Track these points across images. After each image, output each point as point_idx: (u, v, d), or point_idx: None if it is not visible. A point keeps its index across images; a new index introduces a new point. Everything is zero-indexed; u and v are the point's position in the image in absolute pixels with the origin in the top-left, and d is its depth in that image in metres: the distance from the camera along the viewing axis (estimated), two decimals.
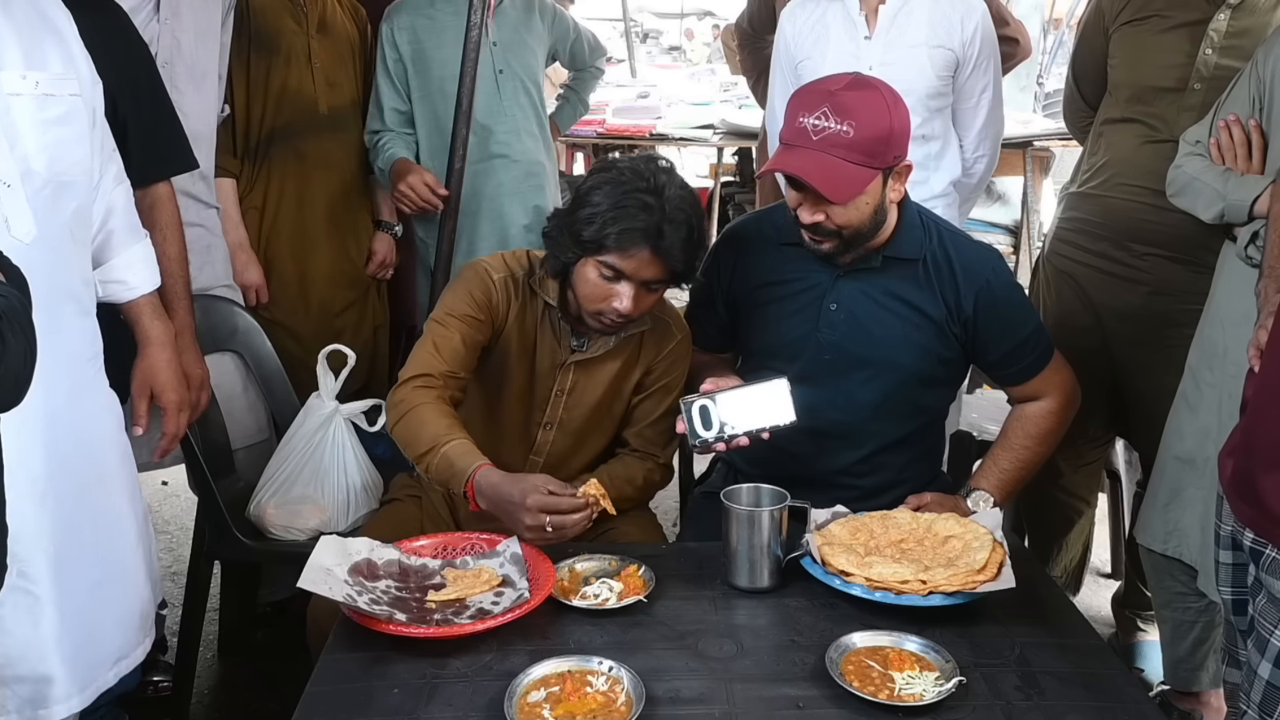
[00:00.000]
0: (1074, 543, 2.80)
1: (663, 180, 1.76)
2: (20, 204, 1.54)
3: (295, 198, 2.67)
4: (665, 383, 1.95)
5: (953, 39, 2.44)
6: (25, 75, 1.57)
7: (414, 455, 1.76)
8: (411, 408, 1.77)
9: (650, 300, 1.82)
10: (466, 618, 1.53)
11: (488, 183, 2.77)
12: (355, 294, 2.83)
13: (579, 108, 3.37)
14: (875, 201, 1.79)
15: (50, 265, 1.59)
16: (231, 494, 2.29)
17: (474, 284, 1.88)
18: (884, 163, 1.76)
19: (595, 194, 1.76)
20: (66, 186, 1.63)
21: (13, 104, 1.56)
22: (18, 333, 1.10)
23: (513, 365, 1.92)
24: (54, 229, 1.60)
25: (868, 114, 1.73)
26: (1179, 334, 2.20)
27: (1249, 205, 1.92)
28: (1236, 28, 2.22)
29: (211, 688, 2.54)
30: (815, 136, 1.73)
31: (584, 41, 3.14)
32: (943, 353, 1.94)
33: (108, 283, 1.82)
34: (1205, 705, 2.32)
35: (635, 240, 1.73)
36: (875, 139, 1.73)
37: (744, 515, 1.65)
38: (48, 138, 1.59)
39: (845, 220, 1.79)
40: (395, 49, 2.70)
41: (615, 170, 1.79)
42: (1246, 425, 1.53)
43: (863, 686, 1.38)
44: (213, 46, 2.41)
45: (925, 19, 2.43)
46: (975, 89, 2.52)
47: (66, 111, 1.63)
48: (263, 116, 2.60)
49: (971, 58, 2.47)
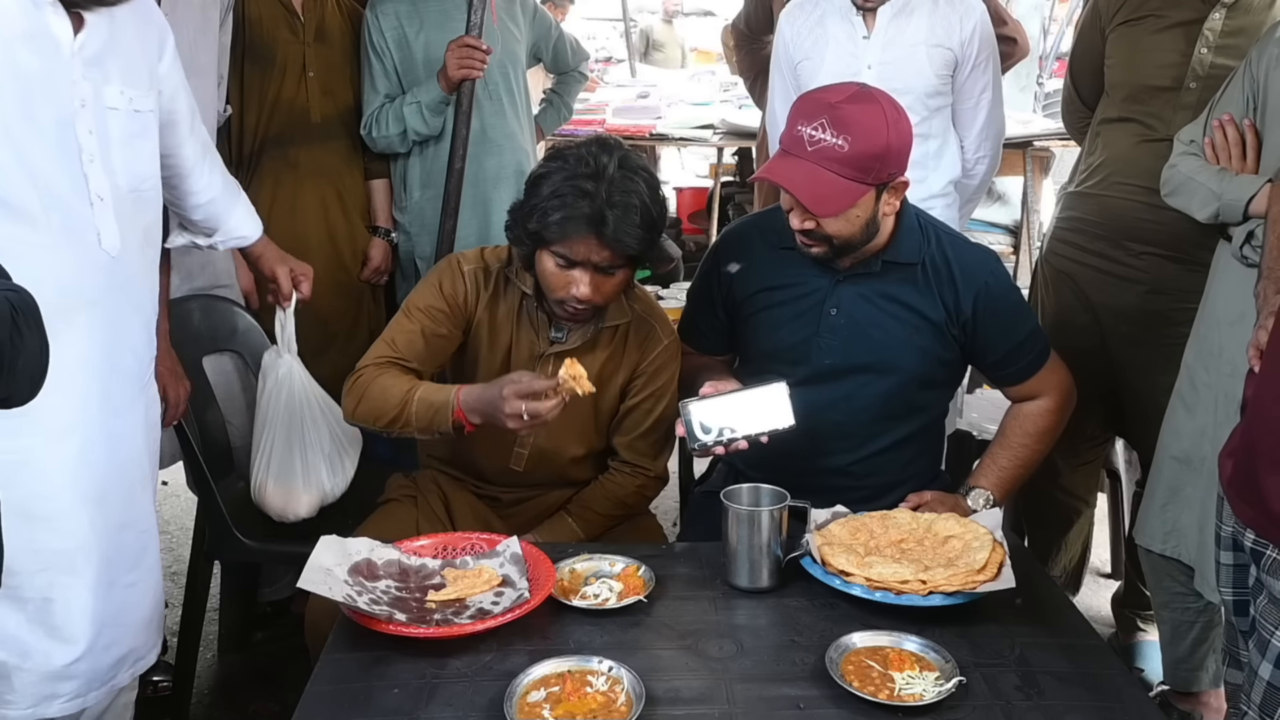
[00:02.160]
0: (1073, 542, 2.80)
1: (604, 162, 1.73)
2: (110, 218, 1.58)
3: (288, 206, 2.66)
4: (653, 390, 1.94)
5: (951, 38, 2.45)
6: (123, 91, 1.61)
7: (386, 419, 1.78)
8: (368, 384, 1.81)
9: (612, 284, 1.80)
10: (466, 618, 1.53)
11: (471, 169, 2.74)
12: (350, 301, 2.82)
13: (562, 111, 3.37)
14: (867, 215, 1.79)
15: (126, 278, 1.64)
16: (231, 494, 2.29)
17: (444, 276, 1.90)
18: (878, 179, 1.75)
19: (542, 184, 1.75)
20: (143, 199, 1.68)
21: (110, 118, 1.59)
22: (33, 328, 1.11)
23: (485, 356, 1.92)
24: (132, 242, 1.64)
25: (866, 129, 1.72)
26: (1176, 333, 2.20)
27: (1244, 205, 1.92)
28: (1231, 27, 2.23)
29: (211, 688, 2.54)
30: (810, 147, 1.73)
31: (566, 43, 3.14)
32: (942, 354, 1.94)
33: (228, 239, 2.04)
34: (1205, 705, 2.32)
35: (578, 228, 1.71)
36: (870, 155, 1.72)
37: (744, 515, 1.65)
38: (130, 152, 1.63)
39: (835, 231, 1.79)
40: (382, 35, 2.69)
41: (560, 159, 1.77)
42: (1247, 425, 1.53)
43: (863, 686, 1.38)
44: (211, 45, 2.40)
45: (924, 18, 2.45)
46: (975, 89, 2.53)
47: (145, 126, 1.67)
48: (256, 127, 2.60)
49: (970, 57, 2.48)
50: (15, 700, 1.61)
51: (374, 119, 2.70)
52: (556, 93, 3.32)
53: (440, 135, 2.71)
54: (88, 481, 1.61)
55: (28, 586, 1.56)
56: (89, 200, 1.55)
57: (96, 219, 1.56)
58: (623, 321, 1.93)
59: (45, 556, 1.57)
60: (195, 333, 2.36)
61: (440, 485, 2.03)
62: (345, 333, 2.83)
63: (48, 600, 1.60)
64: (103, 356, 1.61)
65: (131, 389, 1.70)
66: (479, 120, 2.73)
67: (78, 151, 1.54)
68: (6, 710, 1.61)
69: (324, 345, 2.78)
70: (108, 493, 1.64)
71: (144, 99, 1.65)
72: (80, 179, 1.55)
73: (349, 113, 2.75)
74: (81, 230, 1.55)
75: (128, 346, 1.68)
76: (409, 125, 2.66)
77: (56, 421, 1.55)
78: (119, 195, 1.60)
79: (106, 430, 1.64)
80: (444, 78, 2.59)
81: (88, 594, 1.63)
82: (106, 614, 1.67)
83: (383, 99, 2.71)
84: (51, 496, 1.57)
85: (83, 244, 1.56)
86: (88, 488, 1.61)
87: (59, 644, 1.62)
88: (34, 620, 1.59)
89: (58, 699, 1.63)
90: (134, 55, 1.65)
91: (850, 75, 2.29)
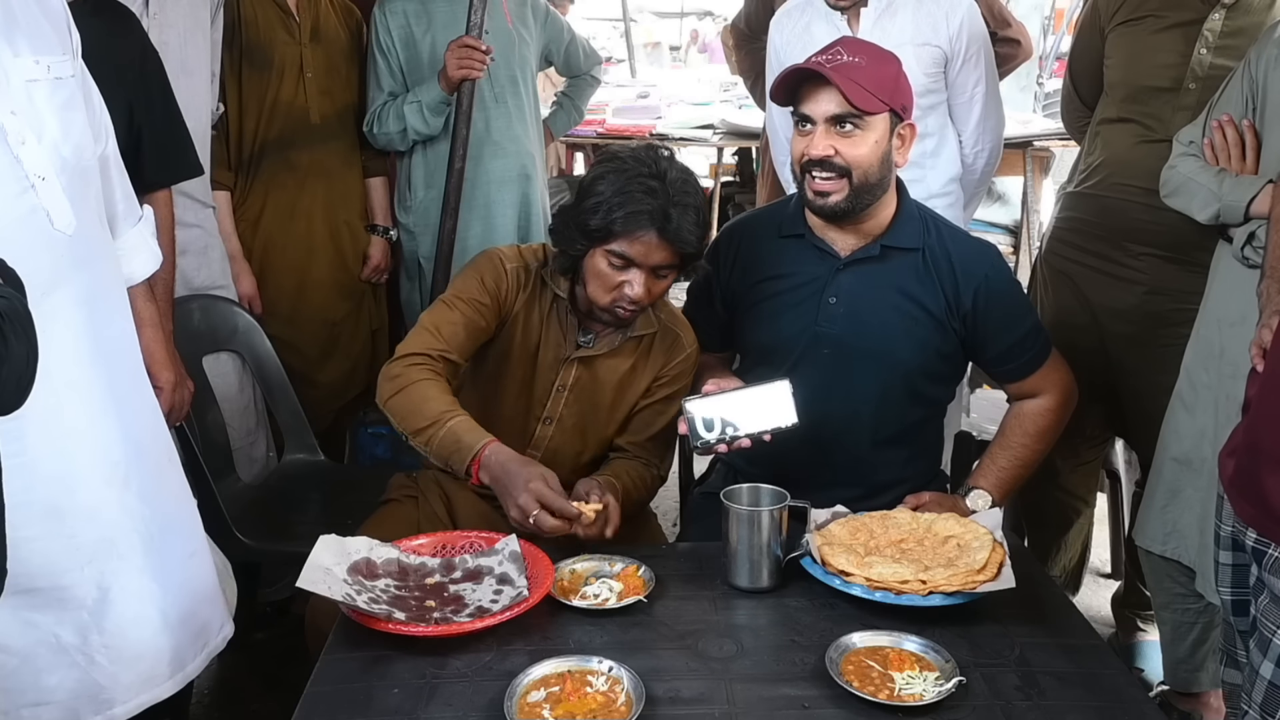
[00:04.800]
0: (1073, 542, 2.80)
1: (664, 166, 1.78)
2: (58, 196, 1.48)
3: (289, 208, 2.67)
4: (669, 393, 1.95)
5: (939, 35, 2.45)
6: (38, 60, 1.49)
7: (412, 428, 1.76)
8: (411, 382, 1.77)
9: (660, 287, 1.84)
10: (465, 616, 1.53)
11: (475, 170, 2.76)
12: (352, 301, 2.83)
13: (573, 114, 3.37)
14: (883, 148, 1.82)
15: (91, 256, 1.57)
16: (231, 494, 2.29)
17: (486, 269, 1.89)
18: (895, 101, 1.81)
19: (600, 183, 1.77)
20: (87, 172, 1.59)
21: (34, 91, 1.48)
22: (20, 335, 1.09)
23: (515, 355, 1.92)
24: (87, 218, 1.56)
25: (877, 54, 1.84)
26: (1175, 333, 2.20)
27: (1244, 206, 1.92)
28: (1231, 27, 2.22)
29: (211, 688, 2.53)
30: (831, 65, 1.79)
31: (579, 47, 3.14)
32: (941, 347, 1.94)
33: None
34: (1205, 706, 2.32)
35: (641, 224, 1.74)
36: (887, 75, 1.81)
37: (744, 515, 1.65)
38: (67, 124, 1.52)
39: (855, 157, 1.80)
40: (389, 34, 2.70)
41: (618, 160, 1.80)
42: (1250, 424, 1.52)
43: (863, 686, 1.38)
44: (202, 44, 2.40)
45: (909, 17, 2.44)
46: (968, 83, 2.52)
47: (72, 94, 1.55)
48: (255, 129, 2.60)
49: (960, 52, 2.47)
50: (117, 696, 1.61)
51: (376, 116, 2.71)
52: (568, 95, 3.33)
53: (442, 135, 2.71)
54: (107, 465, 1.58)
55: (79, 585, 1.55)
56: (28, 184, 1.44)
57: (43, 200, 1.46)
58: (649, 332, 1.94)
59: (88, 548, 1.56)
60: (195, 332, 2.36)
61: (442, 484, 2.03)
62: (348, 334, 2.83)
63: (104, 590, 1.58)
64: (88, 339, 1.55)
65: (129, 364, 1.67)
66: (484, 123, 2.73)
67: (2, 137, 1.42)
68: (114, 710, 1.61)
69: (329, 348, 2.79)
70: (130, 473, 1.61)
71: (61, 65, 1.52)
72: (12, 163, 1.43)
73: (347, 112, 2.75)
74: (28, 216, 1.45)
75: (109, 324, 1.61)
76: (409, 124, 2.67)
77: (61, 413, 1.51)
78: (66, 170, 1.50)
79: (118, 409, 1.60)
80: (444, 78, 2.59)
81: (141, 575, 1.62)
82: (170, 587, 1.66)
83: (386, 96, 2.71)
84: (76, 488, 1.55)
85: (33, 229, 1.45)
86: (109, 471, 1.58)
87: (133, 627, 1.61)
88: (96, 615, 1.58)
89: (158, 681, 1.65)
90: (37, 19, 1.51)
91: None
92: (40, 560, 1.51)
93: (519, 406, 1.95)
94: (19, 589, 1.49)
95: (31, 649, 1.55)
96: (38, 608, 1.53)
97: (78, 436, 1.55)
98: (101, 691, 1.60)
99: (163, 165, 2.08)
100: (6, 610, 1.49)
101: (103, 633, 1.58)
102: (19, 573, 1.48)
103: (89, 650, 1.58)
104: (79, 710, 1.59)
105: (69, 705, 1.58)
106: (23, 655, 1.54)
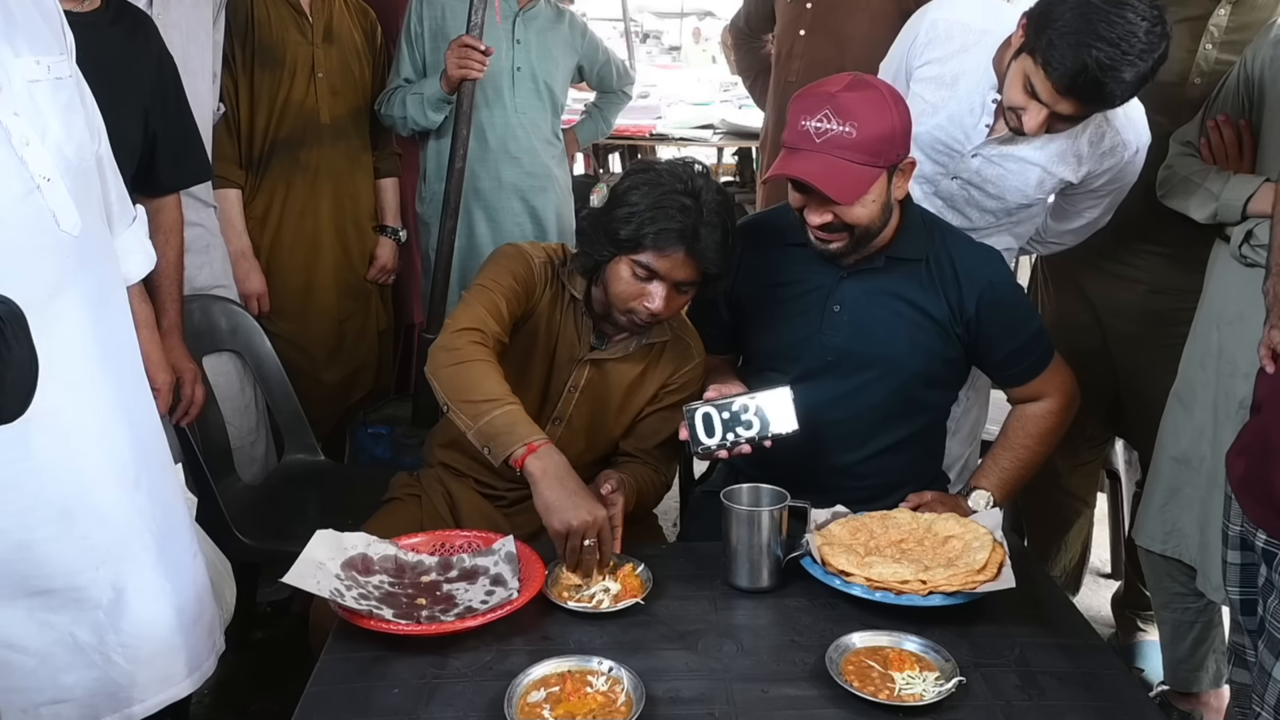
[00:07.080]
0: (1073, 543, 2.80)
1: (699, 184, 1.78)
2: (64, 197, 1.47)
3: (297, 207, 2.67)
4: (675, 401, 1.95)
5: (1078, 173, 2.09)
6: (39, 60, 1.47)
7: (464, 399, 1.69)
8: (470, 359, 1.72)
9: (680, 302, 1.84)
10: (454, 615, 1.53)
11: (487, 177, 2.77)
12: (359, 301, 2.84)
13: (601, 126, 3.39)
14: (882, 199, 1.79)
15: (97, 256, 1.57)
16: (231, 494, 2.29)
17: (517, 262, 1.89)
18: (888, 161, 1.76)
19: (633, 194, 1.77)
20: (89, 173, 1.58)
21: (36, 92, 1.46)
22: (22, 340, 1.08)
23: (537, 352, 1.92)
24: (91, 219, 1.56)
25: (869, 113, 1.72)
26: (1176, 333, 2.20)
27: (1242, 205, 1.92)
28: (1236, 23, 2.22)
29: (211, 688, 2.52)
30: (818, 139, 1.73)
31: (613, 66, 3.16)
32: (945, 353, 1.94)
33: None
34: (1205, 705, 2.32)
35: (671, 241, 1.74)
36: (878, 138, 1.72)
37: (744, 515, 1.65)
38: (69, 124, 1.51)
39: (854, 218, 1.78)
40: (420, 23, 2.72)
41: (653, 172, 1.80)
42: (1261, 425, 1.52)
43: (863, 686, 1.38)
44: (204, 44, 2.40)
45: (1059, 142, 2.04)
46: (1080, 205, 2.21)
47: (71, 95, 1.54)
48: (266, 128, 2.61)
49: (1090, 188, 2.14)
50: (135, 694, 1.61)
51: (386, 97, 2.74)
52: (599, 107, 3.35)
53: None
54: (118, 466, 1.58)
55: (94, 585, 1.55)
56: (34, 185, 1.43)
57: (49, 201, 1.44)
58: (661, 340, 1.95)
59: (101, 549, 1.56)
60: (195, 332, 2.36)
61: (445, 484, 2.03)
62: (354, 334, 2.84)
63: (119, 591, 1.58)
64: (96, 340, 1.55)
65: (134, 365, 1.67)
66: (500, 134, 2.75)
67: (6, 138, 1.41)
68: (131, 708, 1.62)
69: (337, 348, 2.80)
70: (139, 474, 1.61)
71: (60, 65, 1.51)
72: (17, 164, 1.41)
73: (358, 113, 2.76)
74: (34, 217, 1.43)
75: (115, 324, 1.61)
76: (409, 113, 2.68)
77: (71, 414, 1.51)
78: (70, 171, 1.49)
79: (126, 411, 1.60)
80: (444, 77, 2.60)
81: (154, 575, 1.62)
82: (182, 586, 1.67)
83: (401, 82, 2.73)
84: (88, 489, 1.54)
85: (39, 230, 1.44)
86: (120, 472, 1.58)
87: (149, 626, 1.62)
88: (111, 615, 1.58)
89: (175, 680, 1.65)
90: (34, 19, 1.50)
91: (950, 147, 2.09)
92: (55, 562, 1.51)
93: (534, 404, 1.94)
94: (34, 590, 1.50)
95: (49, 649, 1.55)
96: (54, 609, 1.53)
97: (88, 438, 1.54)
98: (119, 690, 1.60)
99: (177, 169, 2.09)
100: (23, 611, 1.51)
101: (119, 632, 1.59)
102: (34, 574, 1.49)
103: (106, 650, 1.58)
104: (98, 708, 1.59)
105: (87, 703, 1.59)
106: (40, 655, 1.55)
